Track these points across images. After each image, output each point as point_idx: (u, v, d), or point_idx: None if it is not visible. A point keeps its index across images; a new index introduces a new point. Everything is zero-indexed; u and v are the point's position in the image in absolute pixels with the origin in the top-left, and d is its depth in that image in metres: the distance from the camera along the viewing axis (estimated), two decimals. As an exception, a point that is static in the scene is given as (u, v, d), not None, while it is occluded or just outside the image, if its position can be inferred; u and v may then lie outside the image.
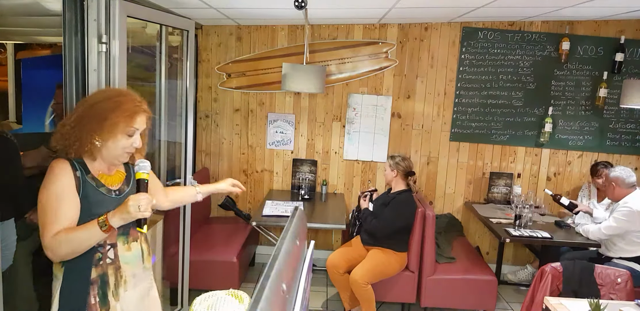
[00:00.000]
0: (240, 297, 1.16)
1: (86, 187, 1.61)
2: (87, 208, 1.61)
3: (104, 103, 1.62)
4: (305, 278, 1.09)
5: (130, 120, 1.62)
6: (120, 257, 1.70)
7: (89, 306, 1.63)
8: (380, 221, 3.21)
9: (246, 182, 4.43)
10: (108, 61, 2.22)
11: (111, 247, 1.68)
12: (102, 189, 1.66)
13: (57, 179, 1.57)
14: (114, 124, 1.59)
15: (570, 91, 4.17)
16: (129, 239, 1.74)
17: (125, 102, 1.63)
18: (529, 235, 3.29)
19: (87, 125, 1.59)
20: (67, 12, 2.11)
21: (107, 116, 1.59)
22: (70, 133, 1.60)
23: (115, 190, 1.70)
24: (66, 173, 1.58)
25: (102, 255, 1.65)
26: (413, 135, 4.31)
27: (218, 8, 3.30)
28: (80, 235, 1.54)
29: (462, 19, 3.99)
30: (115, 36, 2.21)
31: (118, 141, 1.62)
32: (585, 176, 4.27)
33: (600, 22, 4.07)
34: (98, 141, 1.61)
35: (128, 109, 1.62)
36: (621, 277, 2.66)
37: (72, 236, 1.54)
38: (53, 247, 1.54)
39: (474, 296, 3.38)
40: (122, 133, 1.61)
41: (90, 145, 1.60)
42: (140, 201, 1.52)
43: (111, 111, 1.60)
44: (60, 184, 1.57)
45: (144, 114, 1.67)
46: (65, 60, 2.14)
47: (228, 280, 3.39)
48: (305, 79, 3.33)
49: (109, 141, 1.62)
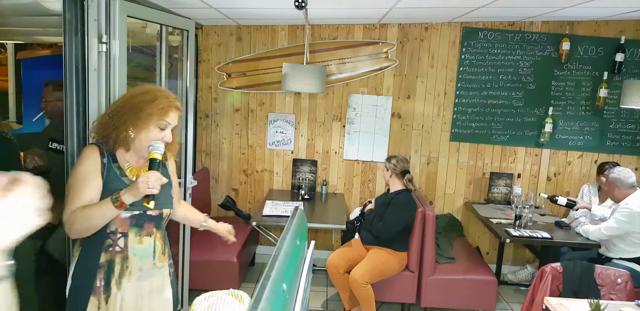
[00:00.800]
0: (240, 297, 1.16)
1: (110, 173, 1.72)
2: (108, 193, 1.69)
3: (141, 96, 1.74)
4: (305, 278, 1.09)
5: (164, 114, 1.73)
6: (129, 248, 1.77)
7: (95, 288, 1.73)
8: (385, 224, 3.21)
9: (246, 182, 4.44)
10: (108, 60, 2.22)
11: (122, 236, 1.76)
12: (125, 179, 1.75)
13: (83, 161, 1.70)
14: (149, 115, 1.70)
15: (571, 91, 4.17)
16: (142, 233, 1.80)
17: (161, 97, 1.74)
18: (529, 235, 3.29)
19: (125, 115, 1.70)
20: (67, 12, 2.11)
21: (144, 108, 1.70)
22: (109, 123, 1.72)
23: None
24: (93, 157, 1.71)
25: (112, 242, 1.74)
26: (413, 135, 4.31)
27: (218, 8, 3.30)
28: (94, 211, 1.65)
29: (462, 19, 3.99)
30: (116, 36, 2.21)
31: (150, 133, 1.72)
32: (586, 176, 4.27)
33: (600, 22, 4.07)
34: (132, 132, 1.71)
35: (163, 103, 1.73)
36: (621, 277, 2.66)
37: (86, 212, 1.65)
38: (69, 222, 1.66)
39: (474, 297, 3.38)
40: (155, 125, 1.72)
41: (126, 134, 1.71)
42: (149, 178, 1.63)
43: (147, 103, 1.71)
44: (85, 166, 1.70)
45: (176, 110, 1.78)
46: (65, 60, 2.14)
47: (228, 280, 3.39)
48: (306, 79, 3.33)
49: (142, 132, 1.72)
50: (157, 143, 1.73)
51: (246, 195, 4.46)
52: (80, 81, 2.19)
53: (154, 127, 1.72)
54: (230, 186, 4.44)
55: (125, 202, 1.64)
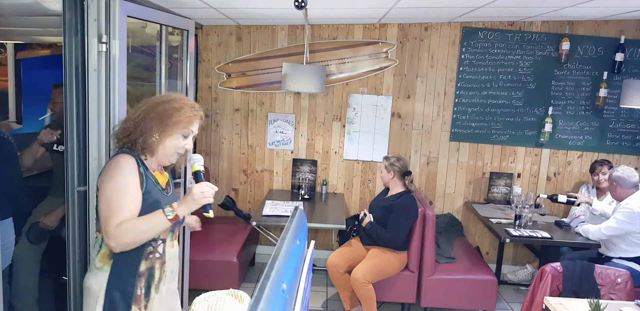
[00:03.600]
0: (240, 297, 1.16)
1: (148, 183, 1.73)
2: (149, 202, 1.71)
3: (169, 103, 1.75)
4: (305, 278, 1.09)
5: (190, 122, 1.76)
6: (166, 253, 1.81)
7: (135, 297, 1.72)
8: (393, 233, 3.19)
9: (246, 182, 4.44)
10: (108, 60, 2.22)
11: (162, 242, 1.79)
12: (158, 186, 1.79)
13: (123, 172, 1.67)
14: (176, 122, 1.72)
15: (570, 91, 4.18)
16: (173, 237, 1.85)
17: (188, 106, 1.77)
18: (529, 235, 3.29)
19: (152, 121, 1.71)
20: (67, 12, 2.11)
21: (172, 115, 1.72)
22: (135, 128, 1.72)
23: (163, 189, 1.82)
24: (132, 167, 1.70)
25: (153, 249, 1.75)
26: (413, 135, 4.31)
27: (218, 8, 3.30)
28: (145, 224, 1.66)
29: (462, 19, 3.99)
30: (115, 36, 2.21)
31: (174, 140, 1.74)
32: (586, 176, 4.27)
33: (600, 22, 4.07)
34: (156, 138, 1.71)
35: (190, 112, 1.75)
36: (621, 277, 2.66)
37: (137, 225, 1.64)
38: (117, 236, 1.62)
39: (474, 296, 3.38)
40: (180, 133, 1.75)
41: (152, 140, 1.71)
42: (203, 188, 1.67)
43: (175, 111, 1.73)
44: (125, 178, 1.67)
45: (198, 121, 1.81)
46: (65, 60, 2.14)
47: (228, 280, 3.39)
48: (305, 79, 3.33)
49: (166, 139, 1.73)
50: (195, 155, 1.80)
51: (246, 195, 4.46)
52: (80, 81, 2.19)
53: (178, 135, 1.75)
54: (230, 186, 4.45)
55: (180, 214, 1.67)
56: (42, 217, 2.76)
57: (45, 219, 2.76)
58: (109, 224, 1.63)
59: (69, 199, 2.22)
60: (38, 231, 2.77)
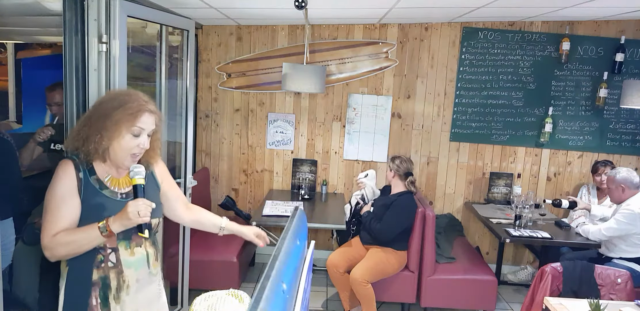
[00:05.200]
0: (240, 297, 1.16)
1: (88, 189, 1.62)
2: (88, 210, 1.61)
3: (109, 102, 1.64)
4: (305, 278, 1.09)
5: (134, 118, 1.61)
6: (122, 262, 1.68)
7: (90, 306, 1.64)
8: (384, 225, 3.20)
9: (246, 182, 4.44)
10: (108, 60, 2.22)
11: (112, 251, 1.67)
12: (106, 191, 1.66)
13: (59, 180, 1.60)
14: (117, 121, 1.59)
15: (571, 91, 4.17)
16: (131, 245, 1.70)
17: (130, 101, 1.63)
18: (529, 235, 3.29)
19: (94, 124, 1.61)
20: (67, 12, 2.11)
21: (111, 114, 1.60)
22: (80, 134, 1.63)
23: (123, 193, 1.70)
24: (68, 174, 1.61)
25: (103, 258, 1.65)
26: (413, 135, 4.31)
27: (218, 8, 3.30)
28: (80, 238, 1.57)
29: (462, 19, 3.99)
30: (116, 36, 2.21)
31: (123, 140, 1.61)
32: (586, 176, 4.27)
33: (600, 22, 4.07)
34: (101, 142, 1.61)
35: (132, 107, 1.62)
36: (621, 277, 2.66)
37: (72, 238, 1.57)
38: (51, 247, 1.57)
39: (474, 296, 3.38)
40: (127, 132, 1.61)
41: (96, 145, 1.60)
42: (138, 207, 1.54)
43: (114, 109, 1.61)
44: (61, 186, 1.59)
45: (150, 114, 1.65)
46: (65, 60, 2.14)
47: (228, 280, 3.39)
48: (306, 79, 3.33)
49: (114, 141, 1.61)
50: (136, 168, 1.63)
51: (246, 195, 4.46)
52: (80, 81, 2.19)
53: (125, 134, 1.61)
54: (230, 186, 4.44)
55: (115, 231, 1.56)
56: (38, 218, 2.74)
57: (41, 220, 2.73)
58: (45, 235, 1.56)
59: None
60: (33, 231, 2.75)
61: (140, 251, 1.73)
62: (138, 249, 1.73)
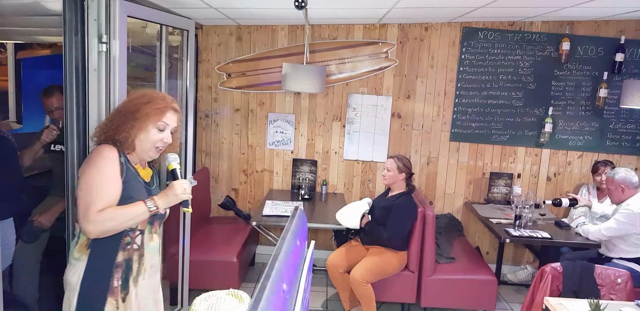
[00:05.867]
0: (240, 297, 1.16)
1: (129, 173, 1.75)
2: (128, 192, 1.73)
3: (139, 99, 1.79)
4: (305, 278, 1.09)
5: (161, 114, 1.77)
6: (145, 245, 1.82)
7: (112, 288, 1.72)
8: (390, 233, 3.18)
9: (246, 182, 4.44)
10: (108, 60, 2.22)
11: (140, 233, 1.79)
12: (140, 178, 1.81)
13: (105, 160, 1.70)
14: (145, 115, 1.74)
15: (571, 91, 4.17)
16: (152, 230, 1.85)
17: (157, 99, 1.80)
18: (528, 235, 3.29)
19: (123, 117, 1.75)
20: (67, 12, 2.11)
21: (140, 108, 1.75)
22: (111, 124, 1.76)
23: (145, 183, 1.84)
24: (114, 156, 1.72)
25: (130, 240, 1.77)
26: (413, 135, 4.31)
27: (218, 8, 3.30)
28: (127, 212, 1.69)
29: (462, 19, 3.99)
30: (116, 36, 2.21)
31: (149, 133, 1.76)
32: (586, 176, 4.27)
33: (600, 22, 4.07)
34: (130, 133, 1.74)
35: (159, 103, 1.77)
36: (621, 277, 2.66)
37: (119, 213, 1.68)
38: (98, 222, 1.65)
39: (474, 297, 3.38)
40: (153, 126, 1.76)
41: (126, 134, 1.73)
42: (184, 184, 1.78)
43: (144, 104, 1.76)
44: (107, 165, 1.70)
45: (175, 112, 1.82)
46: (65, 60, 2.14)
47: (228, 280, 3.38)
48: (305, 79, 3.33)
49: (141, 133, 1.75)
50: (170, 155, 1.84)
51: (246, 195, 4.46)
52: (80, 81, 2.19)
53: (152, 128, 1.76)
54: (230, 186, 4.45)
55: (161, 207, 1.75)
56: (37, 216, 2.74)
57: (40, 217, 2.73)
58: (91, 210, 1.64)
59: (69, 199, 2.22)
60: (31, 229, 2.75)
61: (156, 238, 1.88)
62: (155, 236, 1.88)
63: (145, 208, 1.71)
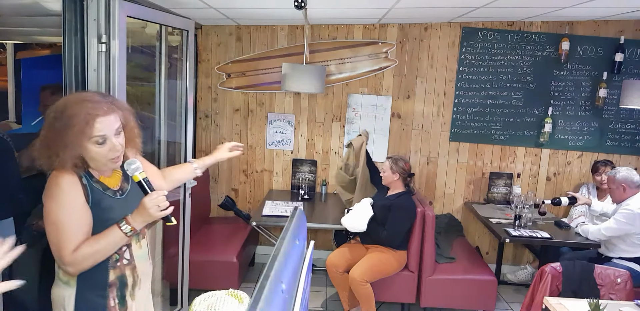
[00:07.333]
0: (240, 297, 1.16)
1: (95, 194, 1.56)
2: (100, 214, 1.56)
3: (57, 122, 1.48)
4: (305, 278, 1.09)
5: (89, 130, 1.47)
6: (135, 257, 1.68)
7: (109, 308, 1.62)
8: (389, 232, 3.19)
9: (246, 182, 4.44)
10: (108, 60, 2.22)
11: (127, 247, 1.66)
12: (108, 192, 1.61)
13: (63, 192, 1.50)
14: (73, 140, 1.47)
15: (570, 91, 4.18)
16: (139, 237, 1.72)
17: (74, 115, 1.46)
18: (528, 235, 3.29)
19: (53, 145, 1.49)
20: (67, 12, 2.11)
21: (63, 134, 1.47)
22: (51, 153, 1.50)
23: (117, 190, 1.65)
24: (72, 183, 1.52)
25: (118, 257, 1.63)
26: (413, 135, 4.31)
27: (218, 8, 3.30)
28: (104, 244, 1.52)
29: (462, 19, 3.99)
30: (115, 36, 2.21)
31: (90, 151, 1.51)
32: (585, 176, 4.27)
33: (600, 22, 4.08)
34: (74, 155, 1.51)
35: (79, 122, 1.46)
36: (621, 277, 2.66)
37: (96, 248, 1.51)
38: (76, 263, 1.50)
39: (473, 297, 3.38)
40: (88, 142, 1.49)
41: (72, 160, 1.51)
42: (157, 201, 1.51)
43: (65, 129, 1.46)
44: (67, 198, 1.50)
45: (105, 116, 1.49)
46: (65, 60, 2.14)
47: (228, 280, 3.39)
48: (305, 79, 3.33)
49: (84, 154, 1.52)
50: (131, 164, 1.55)
51: (246, 195, 4.46)
52: (80, 81, 2.19)
53: (89, 145, 1.49)
54: (230, 186, 4.44)
55: (138, 228, 1.54)
56: (36, 220, 2.73)
57: (40, 222, 2.72)
58: (64, 253, 1.49)
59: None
60: (31, 234, 2.74)
61: (144, 243, 1.75)
62: (143, 241, 1.75)
63: (122, 234, 1.51)
